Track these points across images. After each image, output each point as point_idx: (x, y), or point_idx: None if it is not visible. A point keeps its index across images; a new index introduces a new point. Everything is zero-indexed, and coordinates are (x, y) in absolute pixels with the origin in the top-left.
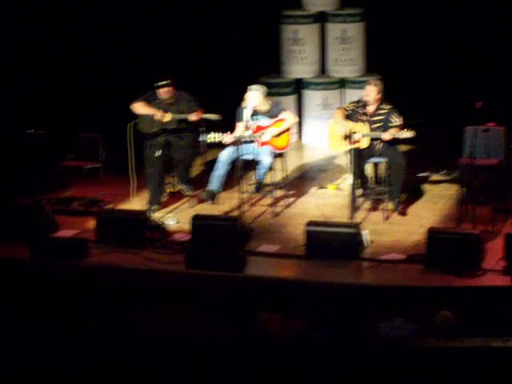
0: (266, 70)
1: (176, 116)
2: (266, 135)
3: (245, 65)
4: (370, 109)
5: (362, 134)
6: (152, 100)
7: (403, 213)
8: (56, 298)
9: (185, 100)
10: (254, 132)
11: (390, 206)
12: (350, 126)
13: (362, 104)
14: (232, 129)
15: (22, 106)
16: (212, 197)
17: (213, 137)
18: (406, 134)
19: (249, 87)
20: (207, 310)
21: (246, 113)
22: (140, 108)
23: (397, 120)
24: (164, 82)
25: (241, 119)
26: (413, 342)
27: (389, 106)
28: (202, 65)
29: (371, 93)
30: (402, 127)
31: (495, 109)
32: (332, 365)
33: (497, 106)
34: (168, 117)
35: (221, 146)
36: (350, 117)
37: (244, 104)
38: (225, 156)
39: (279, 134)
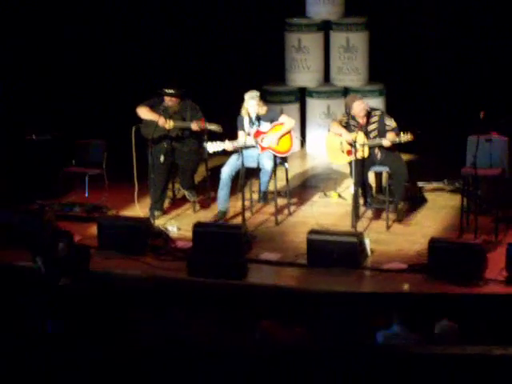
0: (270, 77)
1: (178, 124)
2: (267, 140)
3: (248, 72)
4: (362, 120)
5: (362, 143)
6: (157, 105)
7: (405, 223)
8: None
9: (189, 109)
10: (255, 137)
11: (392, 215)
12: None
13: (351, 117)
14: (233, 137)
15: (25, 112)
16: (221, 217)
17: (214, 147)
18: (405, 137)
19: (245, 96)
20: (208, 317)
21: (246, 122)
22: (144, 113)
23: (390, 123)
24: (170, 91)
25: (242, 127)
26: (413, 349)
27: (378, 112)
28: (205, 72)
29: (363, 108)
30: (397, 129)
31: (499, 119)
32: (333, 372)
33: (501, 116)
34: (170, 124)
35: (225, 152)
36: (346, 129)
37: (243, 112)
38: (226, 173)
39: (280, 138)
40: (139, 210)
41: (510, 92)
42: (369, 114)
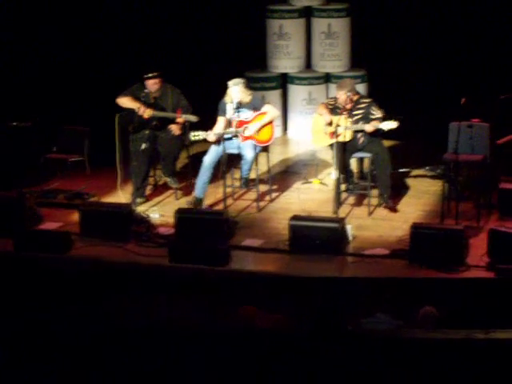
0: (252, 64)
1: (156, 113)
2: (249, 130)
3: (230, 59)
4: (348, 105)
5: (345, 126)
6: (138, 93)
7: (394, 208)
8: (40, 291)
9: (170, 94)
10: (237, 127)
11: (379, 201)
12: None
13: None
14: (214, 122)
15: (6, 98)
16: (197, 204)
17: (196, 135)
18: (389, 124)
19: (228, 83)
20: (192, 304)
21: (229, 108)
22: (125, 102)
23: (377, 113)
24: (153, 74)
25: (223, 113)
26: (396, 335)
27: (368, 100)
28: (187, 59)
29: (339, 96)
30: (382, 119)
31: (480, 105)
32: (315, 359)
33: (482, 102)
34: (148, 113)
35: (205, 140)
36: (331, 111)
37: (226, 99)
38: (208, 161)
39: (261, 128)
40: (122, 196)
41: (491, 78)
42: (357, 102)
